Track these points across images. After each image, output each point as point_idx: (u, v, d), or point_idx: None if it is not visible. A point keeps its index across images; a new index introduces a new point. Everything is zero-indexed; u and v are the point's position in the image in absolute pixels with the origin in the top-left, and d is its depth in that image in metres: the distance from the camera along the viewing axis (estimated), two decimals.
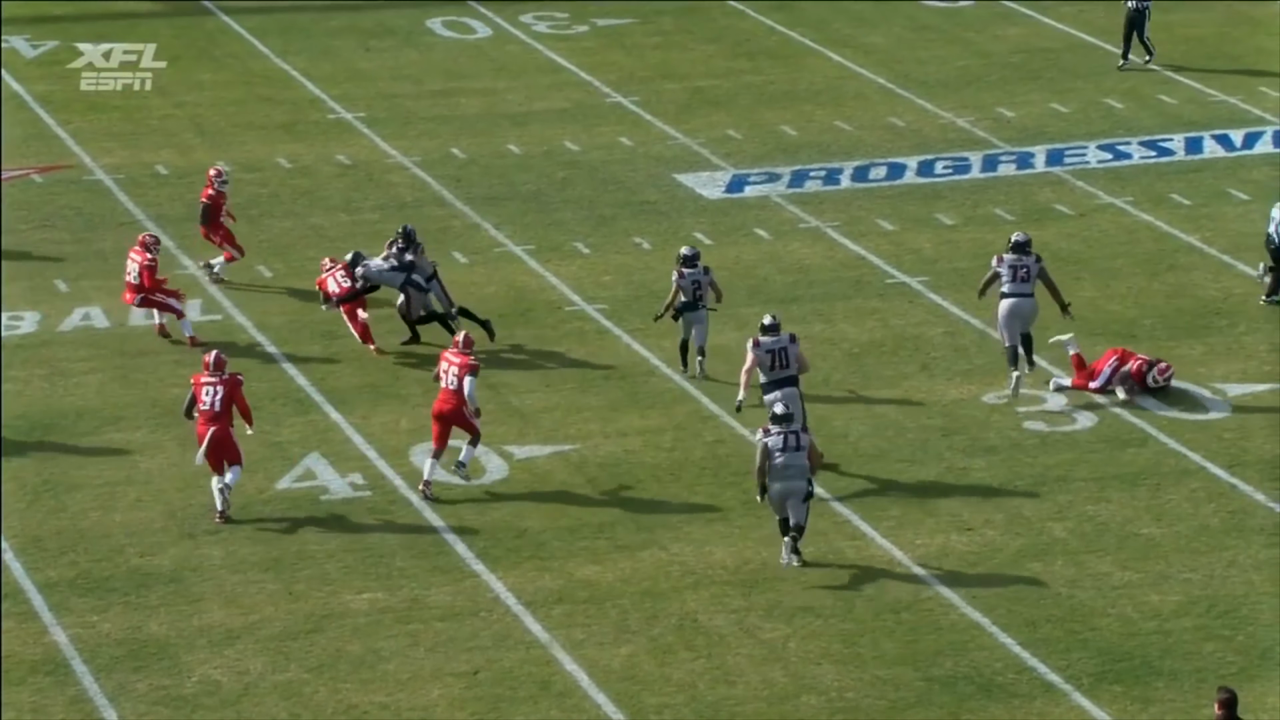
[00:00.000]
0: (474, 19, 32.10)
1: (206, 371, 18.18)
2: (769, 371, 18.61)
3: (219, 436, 17.88)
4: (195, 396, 18.10)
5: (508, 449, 19.23)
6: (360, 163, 26.47)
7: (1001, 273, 19.93)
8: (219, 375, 18.09)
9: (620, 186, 25.72)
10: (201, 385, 18.10)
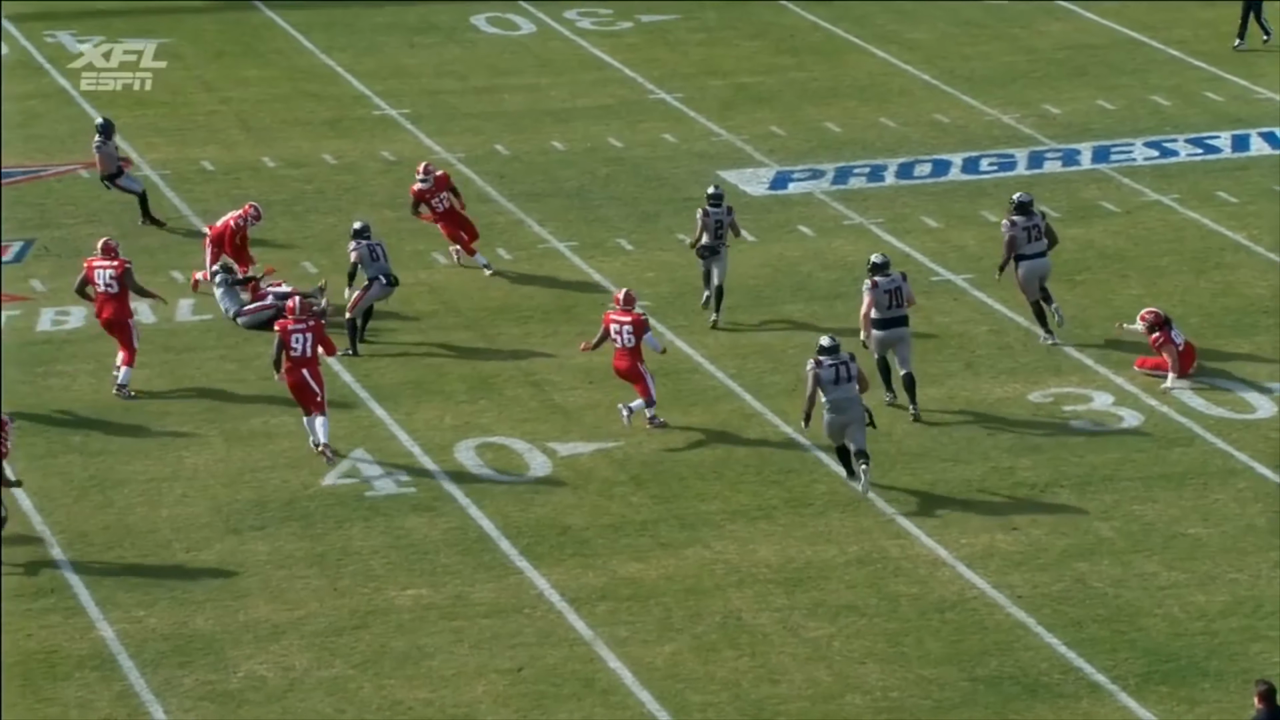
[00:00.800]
0: (518, 15, 32.12)
1: (292, 318, 18.81)
2: (885, 310, 19.43)
3: (316, 379, 18.66)
4: (285, 343, 18.72)
5: (551, 446, 19.25)
6: (404, 159, 26.51)
7: (1017, 236, 20.56)
8: (306, 320, 18.77)
9: (664, 183, 25.70)
10: (290, 332, 18.72)
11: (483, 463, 18.96)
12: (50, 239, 23.79)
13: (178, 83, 29.08)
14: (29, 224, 24.20)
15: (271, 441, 19.31)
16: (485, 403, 20.15)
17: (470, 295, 22.58)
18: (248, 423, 19.63)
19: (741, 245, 23.60)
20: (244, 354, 20.88)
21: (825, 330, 21.54)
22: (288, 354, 18.80)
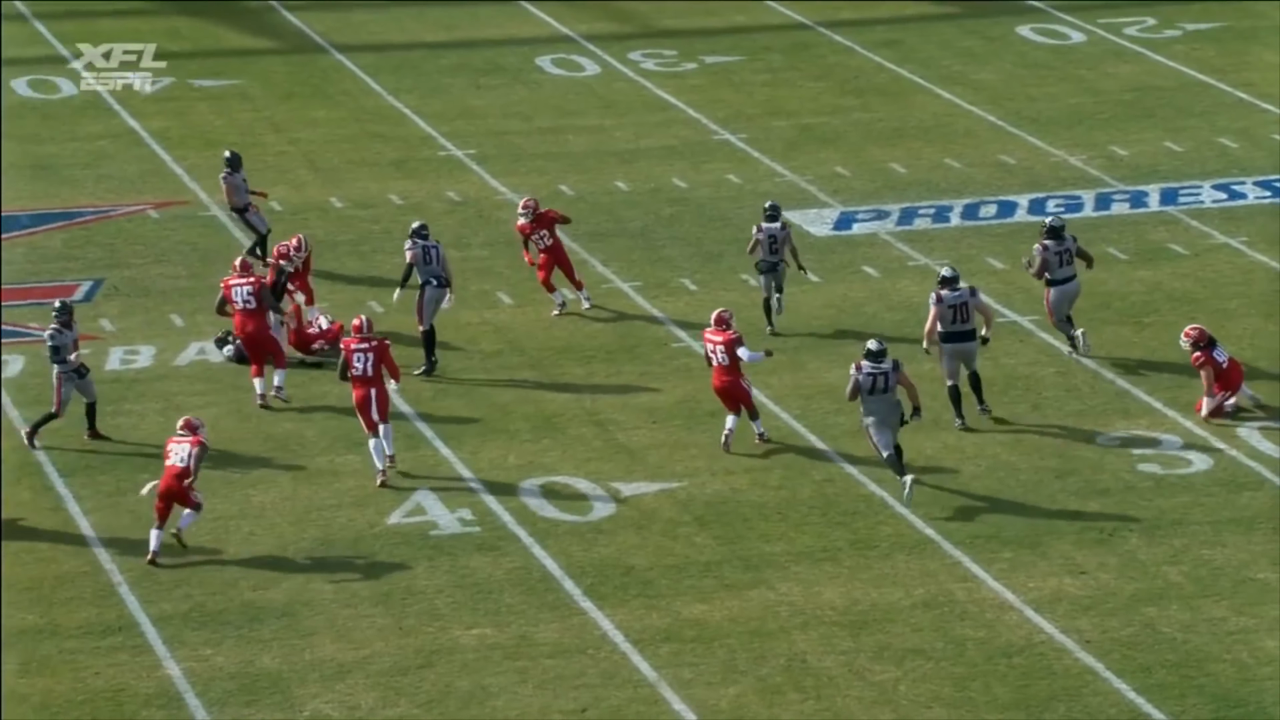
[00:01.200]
0: (583, 57, 32.29)
1: (357, 336, 19.25)
2: (950, 325, 19.85)
3: (380, 397, 19.09)
4: (348, 362, 19.22)
5: (614, 485, 19.25)
6: (470, 199, 26.66)
7: (1049, 260, 21.04)
8: (370, 340, 19.21)
9: (727, 223, 25.72)
10: (353, 351, 19.21)
11: (547, 502, 18.97)
12: (119, 278, 24.02)
13: (247, 123, 29.34)
14: (99, 264, 24.44)
15: (338, 480, 19.39)
16: (549, 442, 20.18)
17: (535, 335, 22.65)
18: (314, 461, 19.73)
19: (805, 286, 23.59)
20: (311, 393, 20.99)
21: None
22: (351, 373, 19.31)
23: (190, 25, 33.58)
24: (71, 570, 17.73)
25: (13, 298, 23.29)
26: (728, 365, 19.57)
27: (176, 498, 18.01)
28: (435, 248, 21.65)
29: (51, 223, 25.59)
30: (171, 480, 18.00)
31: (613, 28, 33.71)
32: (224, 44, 32.73)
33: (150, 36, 32.71)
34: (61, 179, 27.05)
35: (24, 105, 29.79)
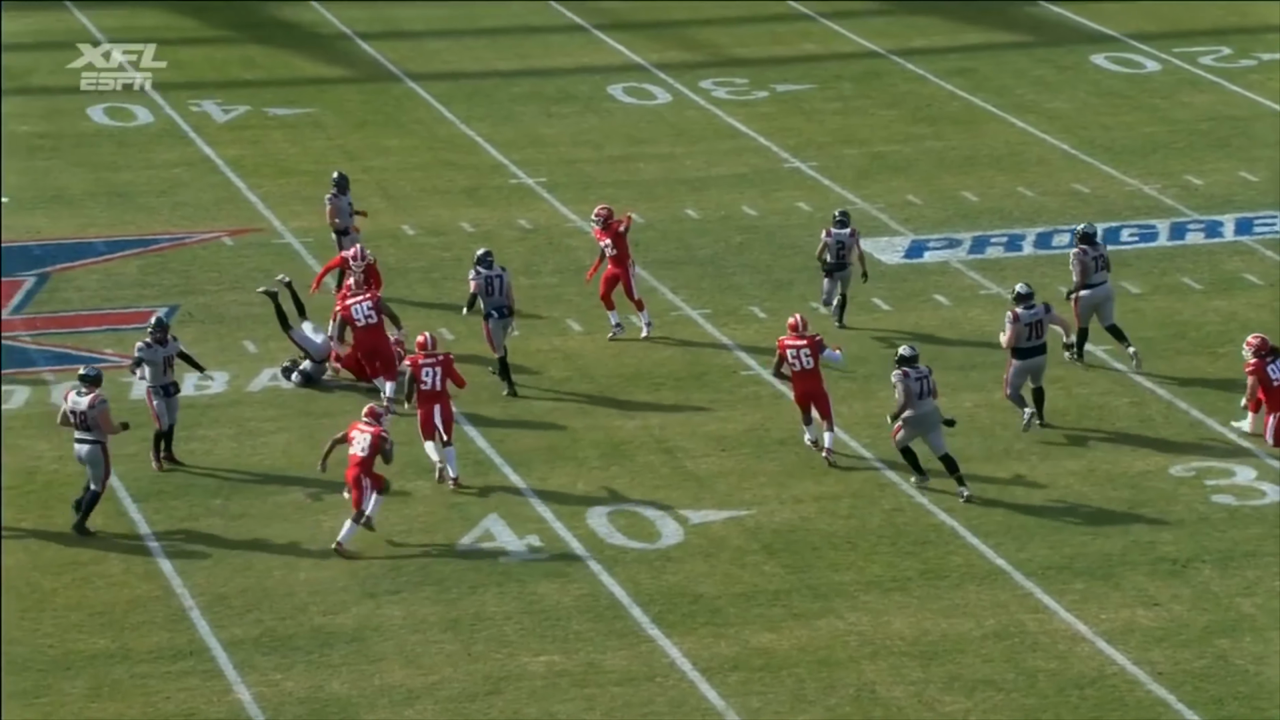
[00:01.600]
0: (655, 85, 32.38)
1: (423, 353, 19.62)
2: (1025, 341, 20.25)
3: (445, 414, 19.56)
4: (415, 377, 19.59)
5: (683, 513, 19.24)
6: (541, 227, 26.76)
7: (1087, 264, 21.51)
8: (436, 355, 19.66)
9: (798, 251, 25.69)
10: (421, 366, 19.62)
11: (615, 529, 18.98)
12: (194, 305, 24.23)
13: (320, 152, 29.57)
14: (173, 290, 24.67)
15: (407, 505, 19.48)
16: (617, 469, 20.19)
17: (604, 362, 22.69)
18: None
19: (877, 314, 23.55)
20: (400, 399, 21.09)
21: (965, 402, 21.40)
22: (419, 388, 19.60)
23: (265, 54, 33.92)
24: (143, 595, 17.88)
25: (88, 324, 23.54)
26: (811, 369, 19.83)
27: (361, 482, 18.54)
28: (499, 277, 21.76)
29: (127, 249, 25.86)
30: (355, 468, 18.54)
31: (684, 56, 33.80)
32: (298, 73, 33.03)
33: (225, 66, 33.06)
34: (137, 206, 27.34)
35: (100, 133, 30.14)
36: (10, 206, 26.93)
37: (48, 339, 23.09)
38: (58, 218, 26.68)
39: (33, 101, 31.27)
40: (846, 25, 35.37)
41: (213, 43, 34.44)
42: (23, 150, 29.35)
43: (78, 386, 18.91)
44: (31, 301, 24.20)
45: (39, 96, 31.39)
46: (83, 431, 18.79)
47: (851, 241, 22.88)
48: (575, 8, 36.21)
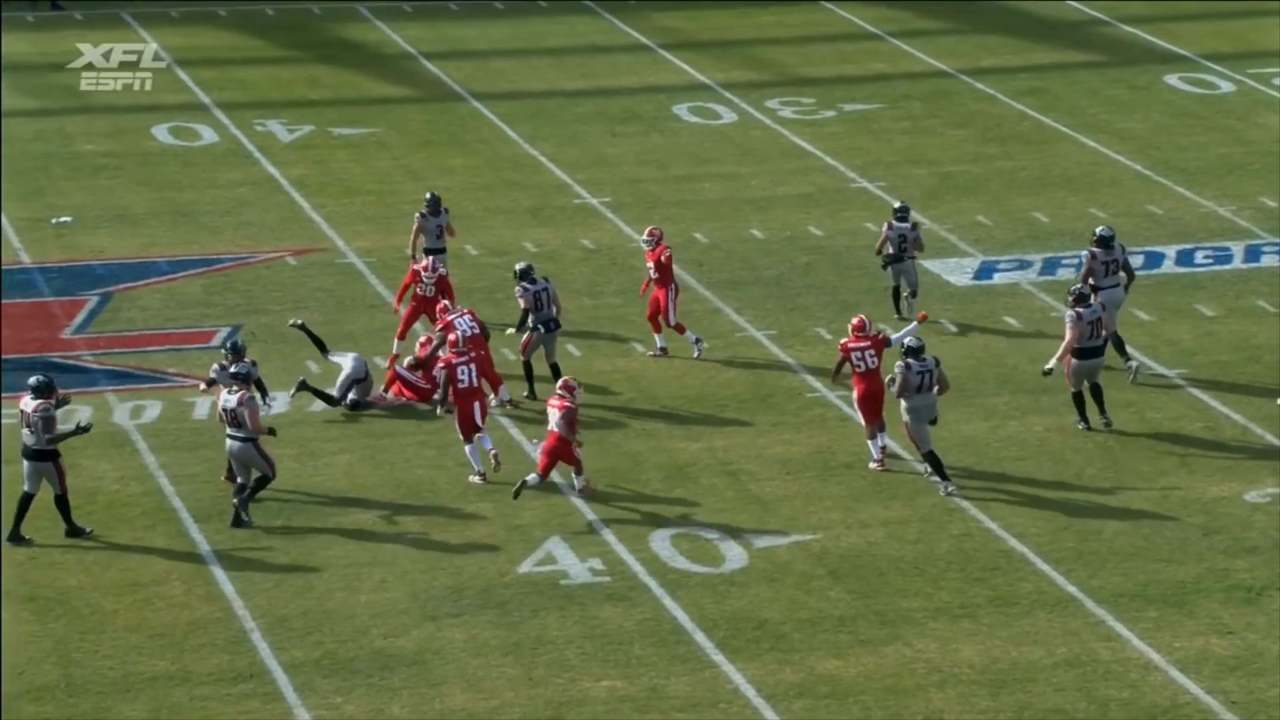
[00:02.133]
0: (720, 104, 32.32)
1: (455, 352, 20.08)
2: (1086, 340, 20.48)
3: (483, 410, 19.94)
4: (452, 377, 19.96)
5: (747, 537, 19.11)
6: (604, 247, 26.71)
7: (1095, 269, 21.76)
8: (468, 352, 20.11)
9: (864, 272, 25.53)
10: (456, 365, 19.98)
11: (678, 553, 18.87)
12: (257, 325, 24.30)
13: (384, 171, 29.65)
14: (237, 310, 24.75)
15: (469, 527, 19.43)
16: (681, 492, 20.09)
17: (667, 383, 22.59)
18: (446, 508, 19.79)
19: (945, 335, 23.37)
20: (444, 440, 21.07)
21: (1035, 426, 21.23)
22: (455, 387, 19.94)
23: (330, 74, 34.06)
24: (204, 616, 17.89)
25: (151, 344, 23.64)
26: (875, 369, 20.00)
27: (559, 456, 19.28)
28: (545, 289, 21.93)
29: (191, 269, 25.97)
30: (553, 441, 19.29)
31: (750, 75, 33.74)
32: (363, 92, 33.15)
33: (290, 86, 33.23)
34: (201, 226, 27.46)
35: (165, 152, 30.31)
36: (74, 225, 27.12)
37: (110, 359, 23.19)
38: (121, 237, 26.82)
39: (96, 120, 31.49)
40: (915, 44, 35.22)
41: (278, 63, 34.62)
42: (87, 169, 29.56)
43: (229, 384, 19.40)
44: (94, 321, 24.33)
45: (103, 115, 31.61)
46: (234, 428, 19.26)
47: (914, 236, 23.39)
48: (641, 27, 36.21)
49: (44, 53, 33.94)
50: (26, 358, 23.02)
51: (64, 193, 28.08)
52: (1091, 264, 21.85)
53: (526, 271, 21.98)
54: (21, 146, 30.22)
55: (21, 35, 35.15)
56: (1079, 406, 20.77)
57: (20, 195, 28.27)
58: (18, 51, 34.22)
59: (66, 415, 20.10)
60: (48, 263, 25.79)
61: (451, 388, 20.06)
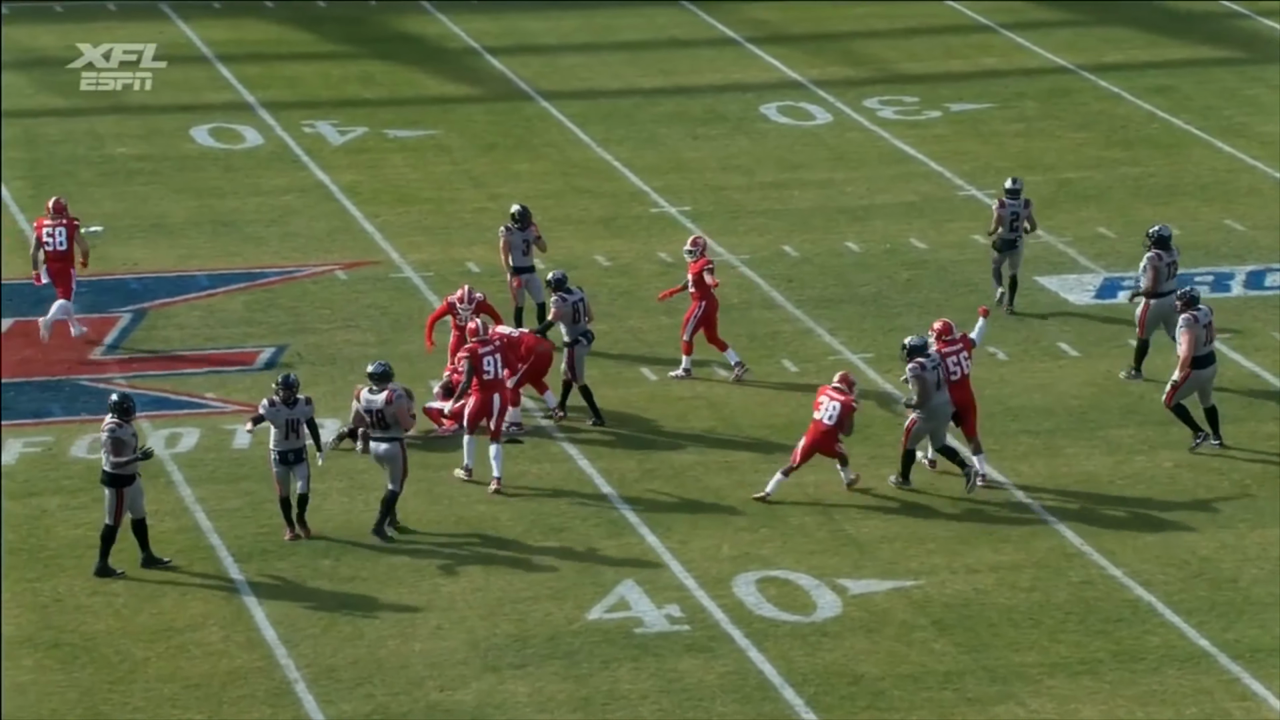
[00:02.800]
0: (813, 104, 32.29)
1: (478, 341, 20.61)
2: (1201, 346, 20.79)
3: (501, 405, 20.56)
4: (477, 367, 20.42)
5: (841, 582, 19.04)
6: (683, 261, 26.68)
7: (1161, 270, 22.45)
8: (492, 342, 20.61)
9: (973, 289, 25.43)
10: (481, 355, 20.51)
11: (764, 599, 18.82)
12: (304, 345, 24.44)
13: (444, 177, 29.80)
14: (282, 329, 24.90)
15: (534, 569, 19.46)
16: (768, 531, 20.04)
17: (752, 411, 22.57)
18: (507, 548, 19.82)
19: (1063, 360, 23.22)
20: (506, 472, 21.11)
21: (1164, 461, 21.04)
22: (480, 378, 20.48)
23: (385, 70, 34.29)
24: (244, 666, 17.98)
25: (188, 365, 23.82)
26: (965, 376, 20.33)
27: (821, 449, 20.13)
28: (581, 300, 22.14)
29: (232, 284, 26.17)
30: (817, 434, 20.07)
31: (847, 72, 33.72)
32: (421, 91, 33.35)
33: (342, 84, 33.48)
34: (244, 236, 27.68)
35: (205, 156, 30.58)
36: (105, 236, 27.36)
37: (143, 382, 23.38)
38: (157, 248, 27.05)
39: (130, 120, 31.80)
40: (1031, 37, 35.09)
41: (329, 58, 34.89)
42: (120, 174, 29.85)
43: (368, 385, 19.79)
44: (127, 339, 24.56)
45: (137, 115, 31.92)
46: (380, 430, 19.69)
47: (1026, 213, 23.98)
48: (726, 19, 36.26)
49: (72, 46, 34.34)
50: (52, 380, 23.26)
51: (94, 200, 28.35)
52: (1157, 265, 22.29)
53: (562, 281, 22.21)
54: (48, 149, 30.57)
55: (49, 27, 35.58)
56: (1184, 420, 20.88)
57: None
58: (43, 45, 34.65)
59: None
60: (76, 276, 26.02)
61: (476, 378, 20.51)
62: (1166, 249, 22.48)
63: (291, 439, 19.65)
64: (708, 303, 23.14)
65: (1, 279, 25.68)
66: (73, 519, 20.18)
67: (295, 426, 19.65)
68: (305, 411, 19.70)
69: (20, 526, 20.03)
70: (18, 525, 20.03)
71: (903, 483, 20.51)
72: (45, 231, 24.10)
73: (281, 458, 19.68)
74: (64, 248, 24.06)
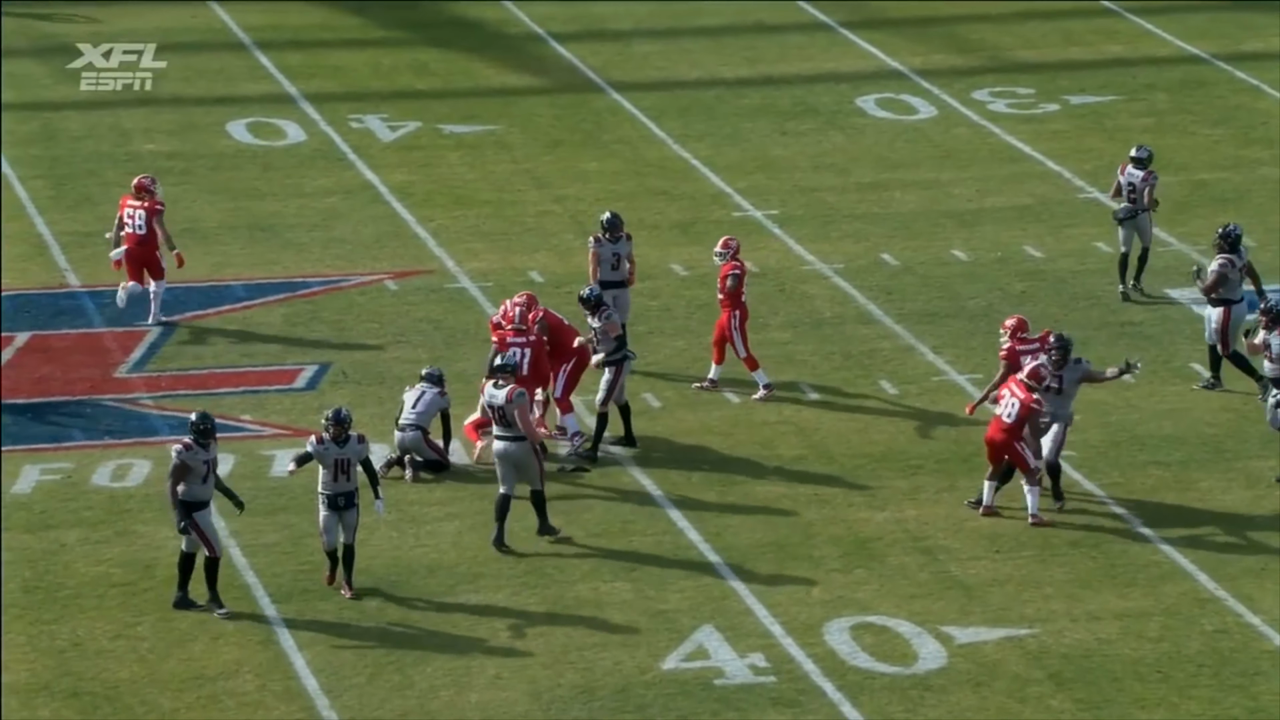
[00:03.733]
0: (915, 96, 32.26)
1: (511, 328, 21.30)
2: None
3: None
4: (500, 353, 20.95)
5: (946, 630, 18.99)
6: (769, 270, 26.72)
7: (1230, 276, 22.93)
8: (526, 334, 21.23)
9: (1095, 303, 25.36)
10: (508, 344, 20.98)
11: (859, 648, 18.79)
12: (349, 363, 24.58)
13: (504, 177, 29.92)
14: (325, 345, 25.04)
15: (602, 612, 19.49)
16: (863, 572, 20.01)
17: (846, 438, 22.55)
18: (573, 589, 19.86)
19: (1193, 380, 23.06)
20: (569, 507, 21.16)
21: None
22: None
23: (440, 59, 34.47)
24: (282, 718, 18.07)
25: (222, 384, 23.98)
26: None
27: (1004, 451, 20.44)
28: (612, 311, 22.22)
29: (270, 295, 26.34)
30: (997, 433, 20.47)
31: (954, 60, 33.67)
32: (480, 82, 33.51)
33: (393, 74, 33.68)
34: (284, 242, 27.87)
35: (241, 153, 30.80)
36: None
37: (173, 402, 23.56)
38: (189, 255, 27.20)
39: (160, 114, 32.08)
40: (1160, 23, 34.96)
41: (378, 45, 35.11)
42: (148, 173, 30.09)
43: (495, 379, 20.18)
44: (155, 356, 24.74)
45: (168, 108, 32.18)
46: (502, 427, 20.09)
47: (1144, 186, 24.57)
48: (819, 1, 36.26)
49: (98, 33, 34.67)
50: (72, 400, 23.46)
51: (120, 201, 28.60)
52: (1229, 272, 22.66)
53: (599, 296, 22.18)
54: (70, 145, 30.87)
55: (72, 9, 35.88)
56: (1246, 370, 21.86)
57: (68, 204, 28.87)
58: (65, 31, 34.98)
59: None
60: (100, 286, 26.28)
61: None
62: (1237, 251, 22.82)
63: (341, 481, 19.47)
64: (740, 310, 23.06)
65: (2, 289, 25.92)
66: (94, 554, 20.33)
67: (346, 467, 19.43)
68: (359, 451, 19.48)
69: (37, 562, 20.20)
70: (34, 561, 20.20)
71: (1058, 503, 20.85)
72: (127, 212, 25.15)
73: (330, 502, 19.49)
74: (143, 231, 25.01)
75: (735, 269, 23.27)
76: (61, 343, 24.87)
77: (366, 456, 19.61)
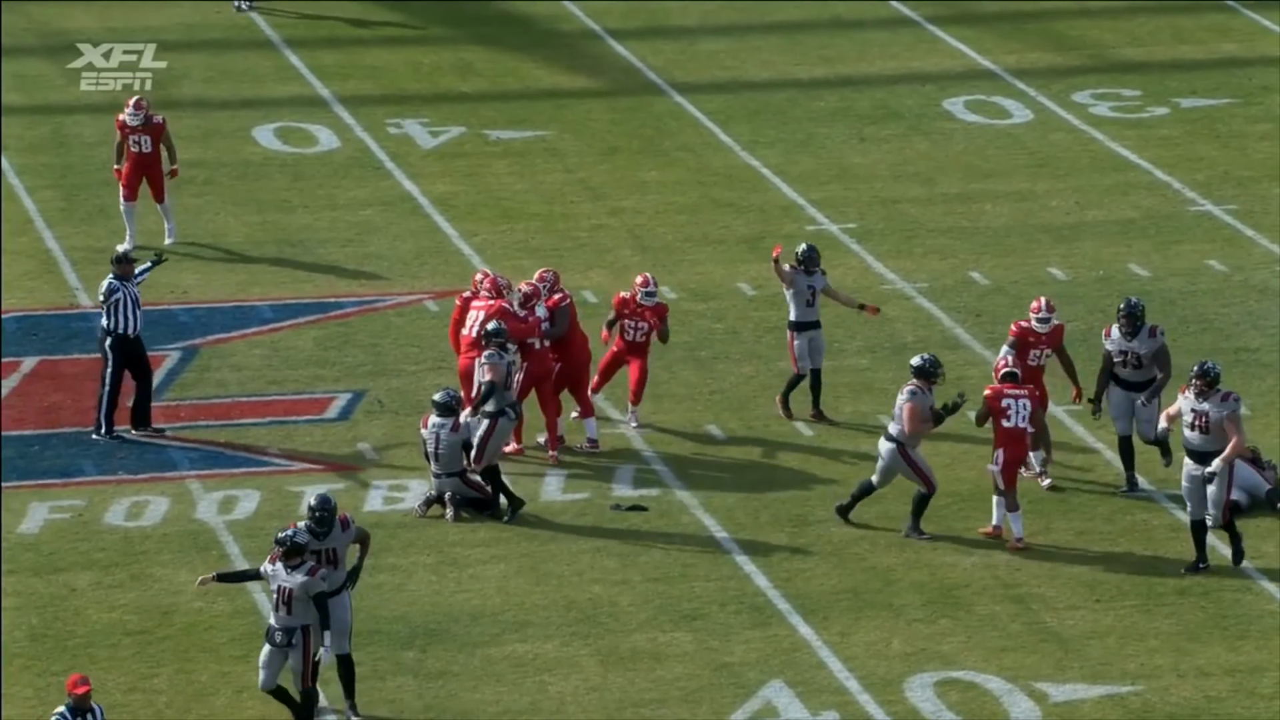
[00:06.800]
0: (1009, 98, 32.26)
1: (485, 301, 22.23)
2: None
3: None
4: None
5: (1040, 687, 19.00)
6: (846, 289, 26.74)
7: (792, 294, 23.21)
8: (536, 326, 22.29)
9: (1208, 327, 25.32)
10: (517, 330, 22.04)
11: (943, 705, 18.82)
12: (385, 390, 24.71)
13: (556, 188, 30.04)
14: (359, 371, 25.17)
15: (660, 665, 19.56)
16: (948, 622, 20.05)
17: None
18: (629, 639, 19.94)
19: None
20: (624, 549, 21.26)
21: None
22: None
23: (486, 58, 34.62)
24: None
25: (247, 414, 24.12)
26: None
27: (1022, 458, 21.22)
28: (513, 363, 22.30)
29: (300, 316, 26.47)
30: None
31: (1051, 59, 33.66)
32: (529, 83, 33.64)
33: (435, 75, 33.84)
34: (315, 258, 28.00)
35: (270, 161, 30.97)
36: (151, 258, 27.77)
37: (193, 433, 23.72)
38: (211, 273, 27.42)
39: (180, 118, 32.13)
40: (1279, 19, 34.86)
41: (419, 44, 35.28)
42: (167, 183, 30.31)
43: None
44: (175, 383, 24.89)
45: (189, 111, 32.34)
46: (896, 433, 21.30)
47: None
48: None
49: (114, 29, 34.92)
50: (84, 431, 23.65)
51: (137, 213, 28.80)
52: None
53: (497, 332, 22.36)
54: (82, 153, 31.06)
55: (88, 6, 36.15)
56: None
57: (80, 217, 29.06)
58: (79, 27, 35.23)
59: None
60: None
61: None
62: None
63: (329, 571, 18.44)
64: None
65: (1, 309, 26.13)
66: (106, 600, 20.47)
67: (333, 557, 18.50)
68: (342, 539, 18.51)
69: (45, 608, 20.36)
70: (42, 607, 20.36)
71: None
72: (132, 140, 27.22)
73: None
74: (148, 150, 27.19)
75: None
76: (73, 368, 25.02)
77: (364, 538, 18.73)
